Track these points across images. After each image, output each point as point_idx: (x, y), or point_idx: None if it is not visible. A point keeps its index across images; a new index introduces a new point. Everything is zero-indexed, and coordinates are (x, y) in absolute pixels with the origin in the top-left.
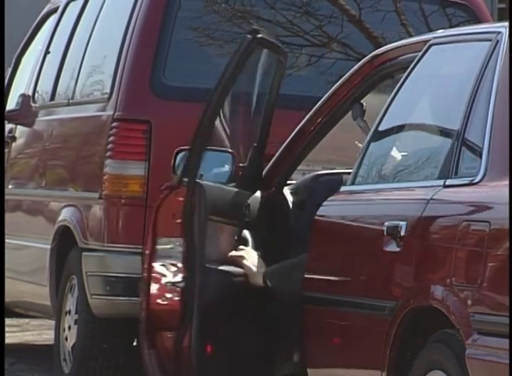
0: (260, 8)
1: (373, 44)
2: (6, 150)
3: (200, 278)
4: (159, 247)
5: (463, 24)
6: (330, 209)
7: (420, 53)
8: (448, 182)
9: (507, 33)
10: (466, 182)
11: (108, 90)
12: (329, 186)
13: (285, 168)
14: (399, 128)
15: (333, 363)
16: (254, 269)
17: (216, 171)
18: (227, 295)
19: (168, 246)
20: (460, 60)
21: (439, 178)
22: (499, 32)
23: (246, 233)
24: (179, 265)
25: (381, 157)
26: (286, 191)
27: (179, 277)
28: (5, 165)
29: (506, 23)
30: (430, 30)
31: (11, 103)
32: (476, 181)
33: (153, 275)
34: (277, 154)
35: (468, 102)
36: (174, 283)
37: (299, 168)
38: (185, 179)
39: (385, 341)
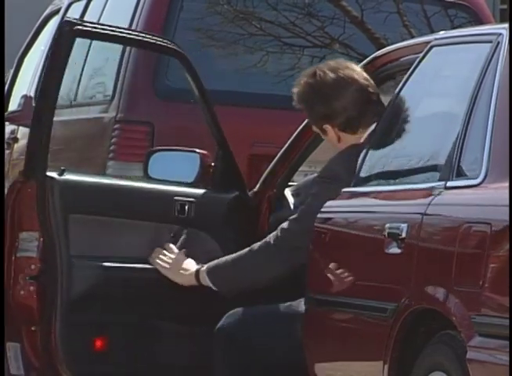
0: (262, 9)
1: (375, 45)
2: (8, 152)
3: (65, 273)
4: (19, 240)
5: (465, 25)
6: (331, 211)
7: (421, 55)
8: (450, 183)
9: (508, 34)
10: (468, 183)
11: (110, 92)
12: None
13: (286, 169)
14: (400, 130)
15: (334, 364)
16: (175, 268)
17: (183, 171)
18: (113, 290)
19: (28, 240)
20: (461, 62)
21: (440, 179)
22: (500, 34)
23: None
24: (40, 259)
25: (382, 158)
26: (288, 192)
27: (40, 272)
28: (7, 166)
29: (507, 25)
30: (433, 32)
31: (13, 104)
32: (477, 183)
33: (14, 269)
34: (278, 155)
35: (469, 103)
36: (34, 278)
37: (300, 169)
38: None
39: (386, 342)
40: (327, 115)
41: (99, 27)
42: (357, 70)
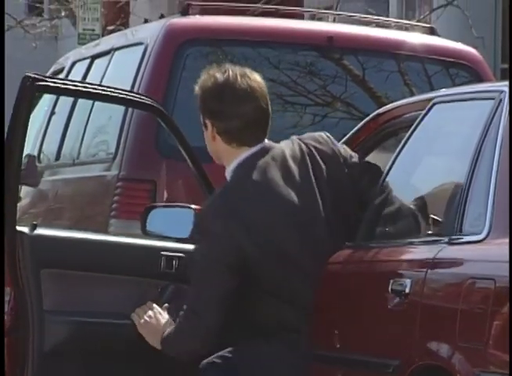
0: (264, 67)
1: (377, 103)
2: None
3: (37, 328)
4: None
5: (466, 84)
6: (335, 265)
7: (424, 111)
8: (453, 239)
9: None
10: (471, 239)
11: (113, 150)
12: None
13: None
14: (403, 186)
15: None
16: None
17: (180, 226)
18: (88, 345)
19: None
20: (464, 119)
21: (444, 235)
22: (502, 91)
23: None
24: (11, 314)
25: (386, 214)
26: None
27: (11, 327)
28: None
29: (508, 82)
30: (434, 91)
31: None
32: (481, 238)
33: None
34: None
35: (472, 160)
36: (5, 333)
37: None
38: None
39: None
40: (215, 113)
41: (61, 82)
42: (262, 90)
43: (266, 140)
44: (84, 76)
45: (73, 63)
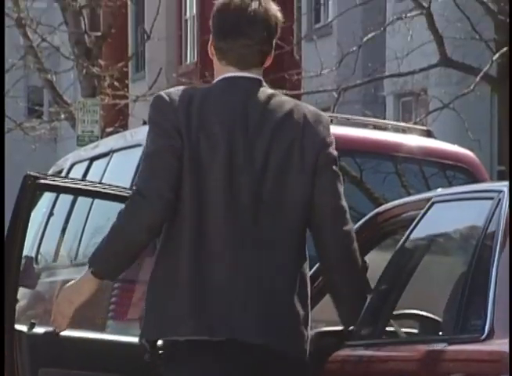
0: None
1: (375, 204)
2: None
3: None
4: None
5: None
6: (334, 365)
7: (423, 211)
8: (454, 339)
9: (508, 192)
10: (472, 339)
11: None
12: (333, 342)
13: None
14: (402, 286)
15: None
16: None
17: None
18: None
19: None
20: (463, 218)
21: (444, 334)
22: (501, 191)
23: None
24: None
25: (384, 313)
26: None
27: None
28: None
29: (508, 183)
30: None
31: None
32: (481, 338)
33: None
34: None
35: (471, 259)
36: None
37: None
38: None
39: None
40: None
41: (61, 180)
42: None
43: (256, 73)
44: (83, 177)
45: (72, 165)
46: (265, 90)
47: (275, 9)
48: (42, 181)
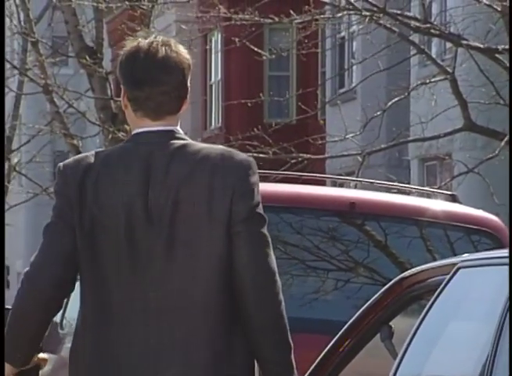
0: (287, 233)
1: (400, 269)
2: None
3: None
4: None
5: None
6: None
7: (448, 276)
8: None
9: None
10: None
11: None
12: None
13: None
14: (428, 352)
15: None
16: None
17: None
18: None
19: None
20: (489, 284)
21: None
22: None
23: None
24: None
25: None
26: None
27: None
28: None
29: None
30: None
31: None
32: None
33: None
34: None
35: (497, 326)
36: None
37: None
38: None
39: None
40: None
41: None
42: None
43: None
44: None
45: None
46: (175, 143)
47: (184, 52)
48: None
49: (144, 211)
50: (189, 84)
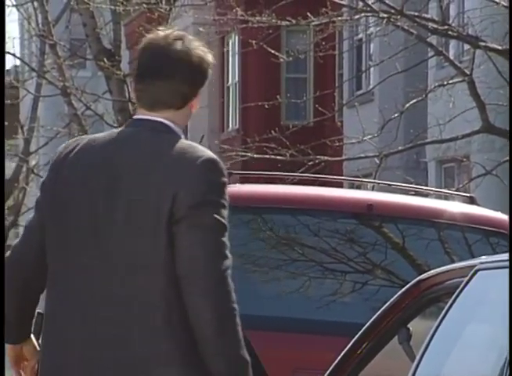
0: (304, 235)
1: (418, 271)
2: None
3: None
4: None
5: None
6: None
7: (467, 278)
8: None
9: None
10: None
11: None
12: None
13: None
14: (446, 354)
15: None
16: None
17: None
18: None
19: None
20: (507, 286)
21: None
22: None
23: None
24: None
25: None
26: None
27: None
28: None
29: None
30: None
31: None
32: None
33: None
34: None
35: None
36: None
37: None
38: None
39: None
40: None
41: None
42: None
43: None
44: None
45: None
46: (156, 135)
47: (200, 50)
48: None
49: (104, 208)
50: (202, 82)
